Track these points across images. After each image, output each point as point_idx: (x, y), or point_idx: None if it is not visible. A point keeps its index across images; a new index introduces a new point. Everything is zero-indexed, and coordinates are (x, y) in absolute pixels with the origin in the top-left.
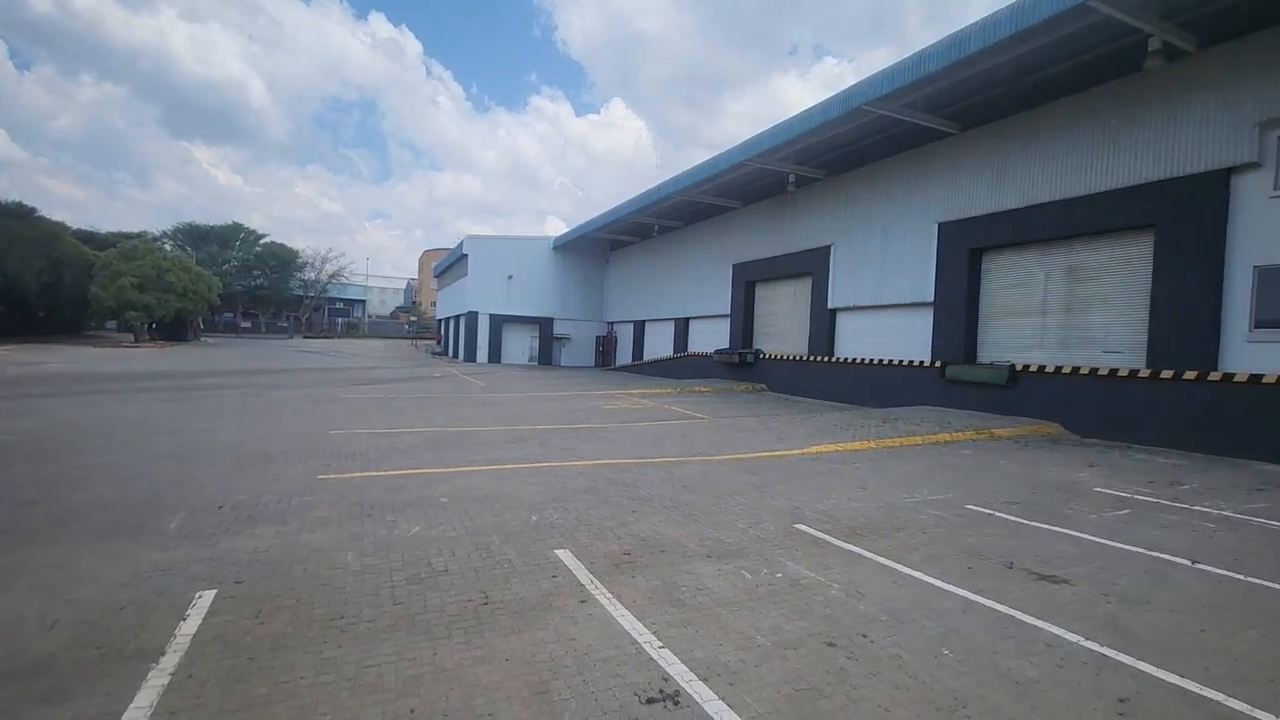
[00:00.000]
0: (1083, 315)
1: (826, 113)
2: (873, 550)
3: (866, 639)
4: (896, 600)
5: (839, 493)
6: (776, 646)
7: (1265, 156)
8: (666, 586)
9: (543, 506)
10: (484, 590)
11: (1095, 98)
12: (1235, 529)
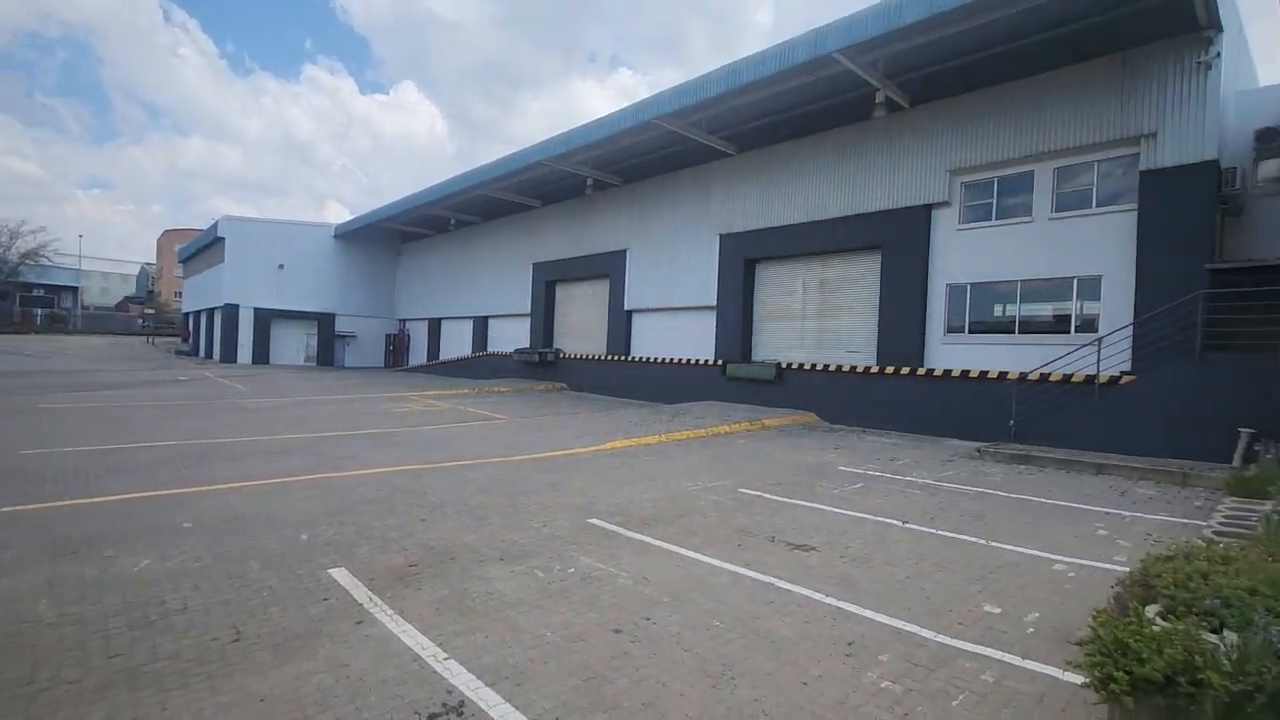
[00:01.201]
0: (833, 320)
1: (621, 122)
2: (659, 538)
3: (650, 621)
4: (678, 582)
5: (631, 485)
6: (566, 640)
7: (953, 197)
8: (455, 595)
9: (315, 523)
10: (235, 625)
11: (841, 135)
12: (933, 493)
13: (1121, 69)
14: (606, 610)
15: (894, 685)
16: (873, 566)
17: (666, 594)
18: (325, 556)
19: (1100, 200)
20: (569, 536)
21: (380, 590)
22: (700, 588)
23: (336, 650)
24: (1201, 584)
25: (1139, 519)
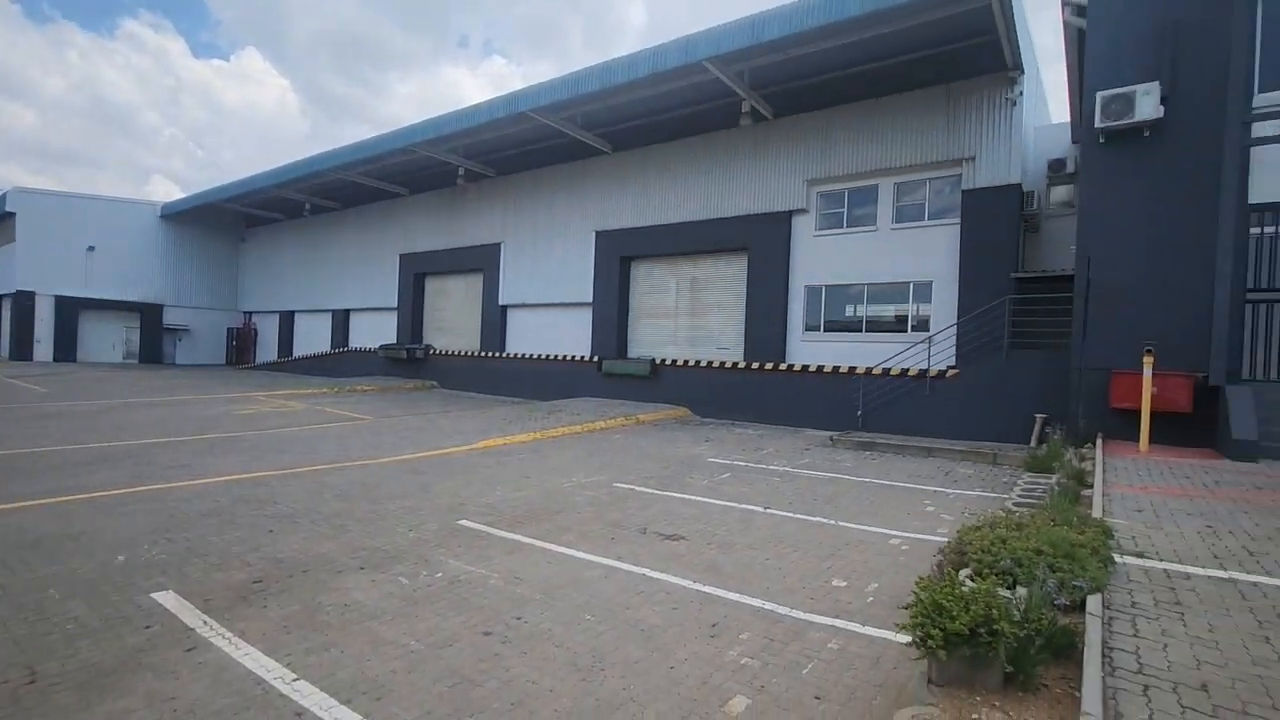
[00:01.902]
0: (704, 318)
1: (493, 112)
2: (533, 536)
3: (521, 621)
4: (551, 579)
5: (505, 484)
6: (432, 648)
7: (811, 205)
8: (306, 610)
9: (135, 542)
10: (30, 665)
11: (712, 140)
12: (792, 480)
13: (947, 99)
14: (476, 613)
15: (753, 660)
16: (737, 551)
17: (539, 592)
18: (148, 579)
19: (931, 214)
20: (437, 540)
21: (216, 612)
22: (573, 583)
23: (161, 683)
24: (1001, 548)
25: (960, 495)
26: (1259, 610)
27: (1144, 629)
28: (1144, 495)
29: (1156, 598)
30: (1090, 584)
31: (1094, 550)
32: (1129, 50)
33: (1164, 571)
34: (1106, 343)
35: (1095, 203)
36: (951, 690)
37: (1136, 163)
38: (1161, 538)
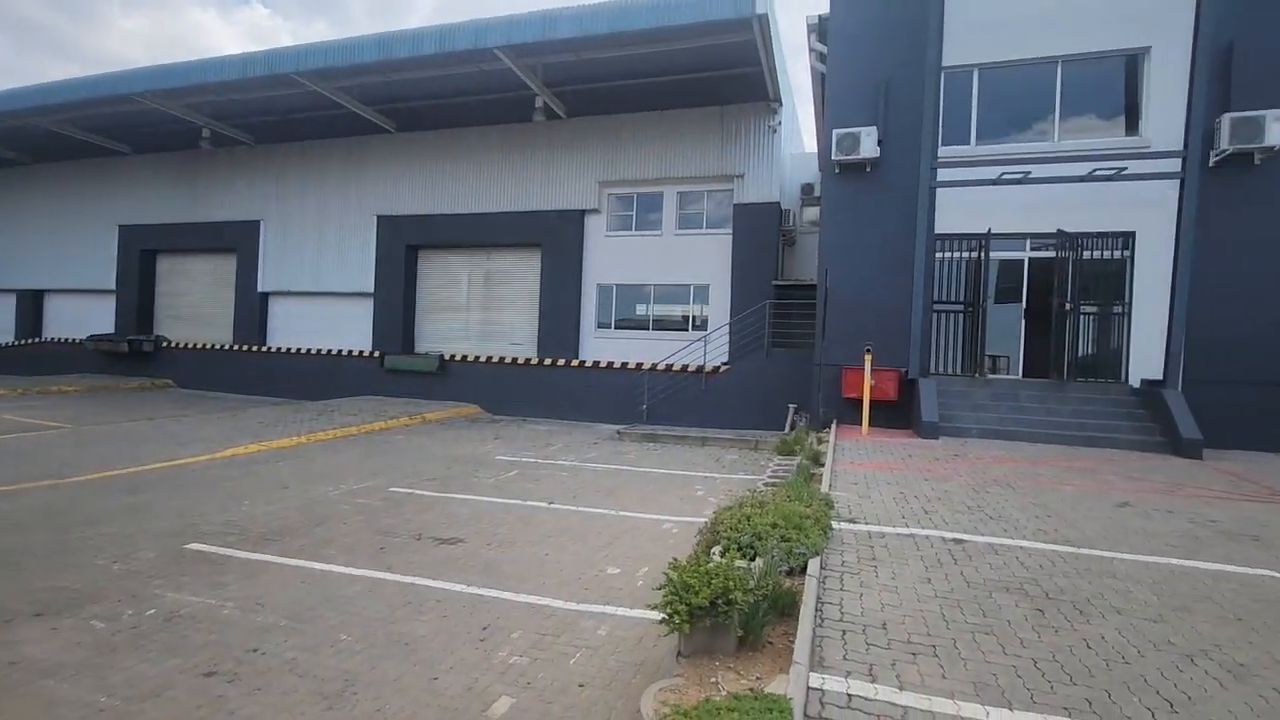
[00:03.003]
0: (497, 313)
1: (249, 68)
2: (284, 554)
3: (258, 653)
4: (302, 601)
5: (255, 497)
6: (130, 701)
7: (603, 206)
8: None
9: None
10: None
11: (507, 132)
12: (578, 474)
13: (721, 120)
14: (196, 652)
15: (521, 659)
16: (517, 549)
17: (285, 617)
18: None
19: (709, 223)
20: (154, 570)
21: None
22: (328, 602)
23: None
24: (745, 525)
25: (726, 479)
26: (926, 558)
27: (848, 583)
28: (860, 470)
29: (859, 555)
30: (811, 550)
31: (817, 520)
32: (856, 96)
33: (867, 533)
34: (840, 343)
35: (832, 224)
36: (696, 659)
37: (862, 192)
38: (869, 505)
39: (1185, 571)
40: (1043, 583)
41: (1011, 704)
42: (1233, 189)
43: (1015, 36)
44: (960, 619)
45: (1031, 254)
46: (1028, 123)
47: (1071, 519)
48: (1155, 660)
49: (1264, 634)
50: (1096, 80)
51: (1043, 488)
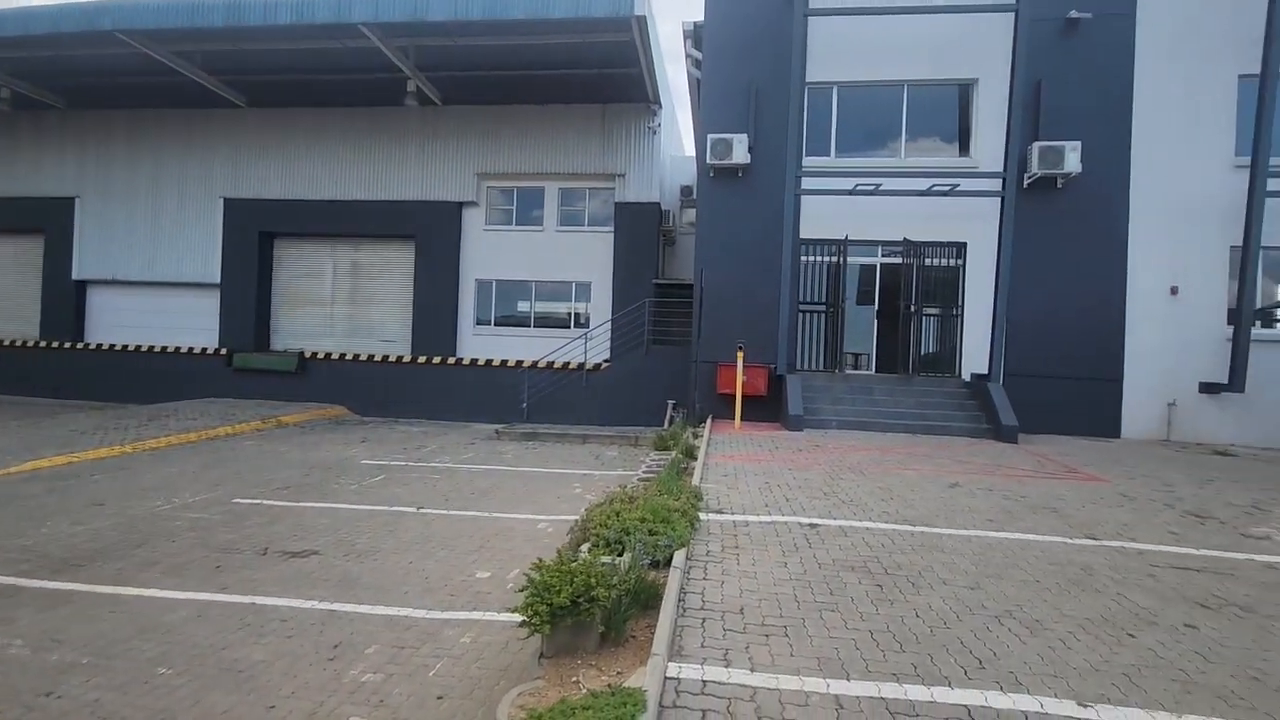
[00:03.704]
0: (366, 307)
1: (60, 21)
2: (94, 581)
3: (52, 697)
4: (111, 633)
5: (59, 517)
6: None
7: (481, 198)
8: None
9: None
10: None
11: (376, 116)
12: (452, 476)
13: (603, 118)
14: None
15: (375, 676)
16: (380, 558)
17: (88, 654)
18: None
19: (591, 221)
20: None
21: None
22: (145, 633)
23: None
24: (615, 520)
25: (604, 476)
26: (784, 543)
27: (711, 572)
28: (731, 463)
29: (724, 544)
30: (678, 542)
31: (684, 513)
32: (729, 103)
33: (732, 523)
34: (715, 341)
35: (707, 226)
36: (559, 660)
37: (734, 196)
38: (736, 496)
39: (999, 542)
40: (883, 560)
41: (849, 675)
42: (1041, 207)
43: (869, 59)
44: (810, 599)
45: (883, 260)
46: (880, 139)
47: (911, 500)
48: (970, 623)
49: (1056, 593)
50: (936, 105)
51: (889, 473)
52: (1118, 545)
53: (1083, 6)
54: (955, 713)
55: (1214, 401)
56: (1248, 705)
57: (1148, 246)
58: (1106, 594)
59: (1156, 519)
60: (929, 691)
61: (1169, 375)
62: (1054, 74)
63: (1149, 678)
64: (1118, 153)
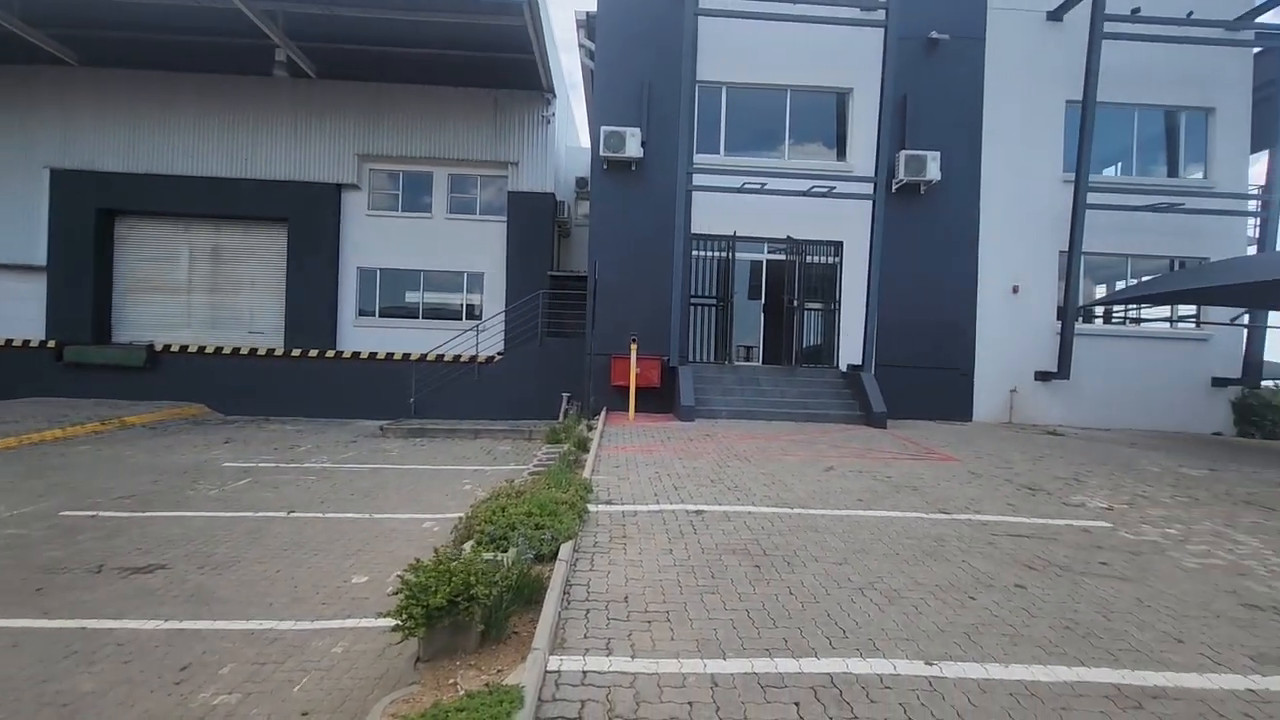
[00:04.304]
0: (231, 296)
1: None
2: None
3: None
4: None
5: None
6: None
7: (363, 182)
8: None
9: None
10: None
11: (241, 85)
12: (329, 477)
13: (495, 105)
14: None
15: (230, 697)
16: (240, 569)
17: None
18: None
19: (483, 209)
20: None
21: None
22: None
23: None
24: (500, 516)
25: (496, 471)
26: (671, 530)
27: (597, 562)
28: (623, 454)
29: (612, 535)
30: (564, 534)
31: (573, 505)
32: (622, 97)
33: (622, 513)
34: (610, 333)
35: (601, 218)
36: (437, 662)
37: (628, 189)
38: (627, 486)
39: (866, 520)
40: (762, 541)
41: (725, 654)
42: (907, 211)
43: (757, 62)
44: (693, 583)
45: (769, 256)
46: (766, 140)
47: (790, 484)
48: (838, 596)
49: (912, 564)
50: (817, 111)
51: (772, 459)
52: (965, 518)
53: (941, 29)
54: (820, 681)
55: (1047, 388)
56: (1060, 651)
57: (994, 250)
58: (954, 562)
59: (997, 493)
60: (797, 663)
61: (1011, 365)
62: (918, 89)
63: (985, 634)
64: (970, 164)
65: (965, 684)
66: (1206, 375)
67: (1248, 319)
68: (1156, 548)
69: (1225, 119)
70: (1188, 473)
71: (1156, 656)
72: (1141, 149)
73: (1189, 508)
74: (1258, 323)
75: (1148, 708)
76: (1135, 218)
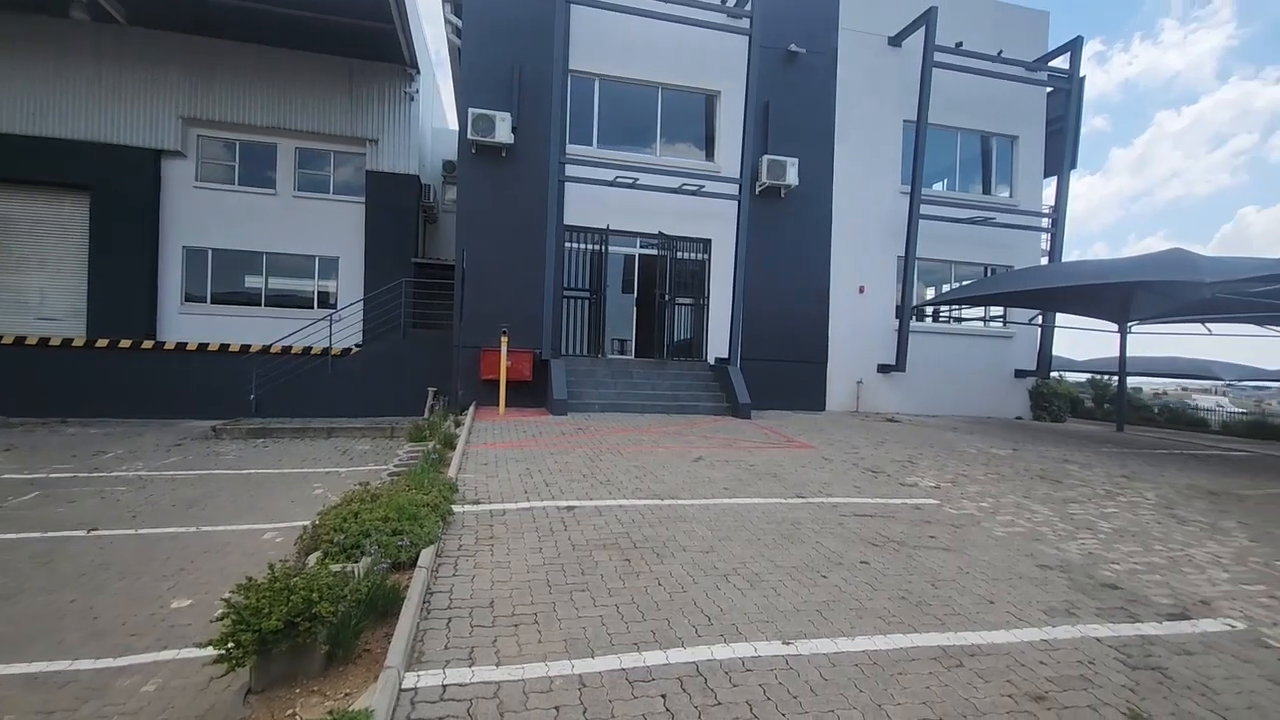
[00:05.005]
0: (15, 275)
1: None
2: None
3: None
4: None
5: None
6: None
7: (190, 149)
8: None
9: None
10: None
11: (29, 26)
12: (145, 486)
13: (350, 75)
14: None
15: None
16: (20, 602)
17: None
18: None
19: (337, 189)
20: None
21: None
22: None
23: None
24: (352, 522)
25: (353, 472)
26: (541, 528)
27: (462, 567)
28: (493, 451)
29: (478, 536)
30: (425, 539)
31: (435, 507)
32: (492, 79)
33: (490, 512)
34: (479, 325)
35: (470, 205)
36: (273, 692)
37: (499, 176)
38: (495, 484)
39: (731, 508)
40: (633, 534)
41: (594, 652)
42: (769, 213)
43: (630, 57)
44: (562, 581)
45: (641, 251)
46: (638, 136)
47: (661, 476)
48: (704, 584)
49: (772, 547)
50: (687, 111)
51: (644, 451)
52: (819, 501)
53: (799, 43)
54: (686, 670)
55: (887, 379)
56: (898, 620)
57: (845, 252)
58: (809, 543)
59: (846, 476)
60: (665, 655)
61: (858, 359)
62: (780, 98)
63: (835, 610)
64: (825, 171)
65: (817, 659)
66: (1010, 368)
67: (1041, 319)
68: (973, 520)
69: (1026, 146)
70: (996, 452)
71: (973, 618)
72: (963, 168)
73: (997, 483)
74: (1048, 323)
75: (967, 665)
76: (957, 228)
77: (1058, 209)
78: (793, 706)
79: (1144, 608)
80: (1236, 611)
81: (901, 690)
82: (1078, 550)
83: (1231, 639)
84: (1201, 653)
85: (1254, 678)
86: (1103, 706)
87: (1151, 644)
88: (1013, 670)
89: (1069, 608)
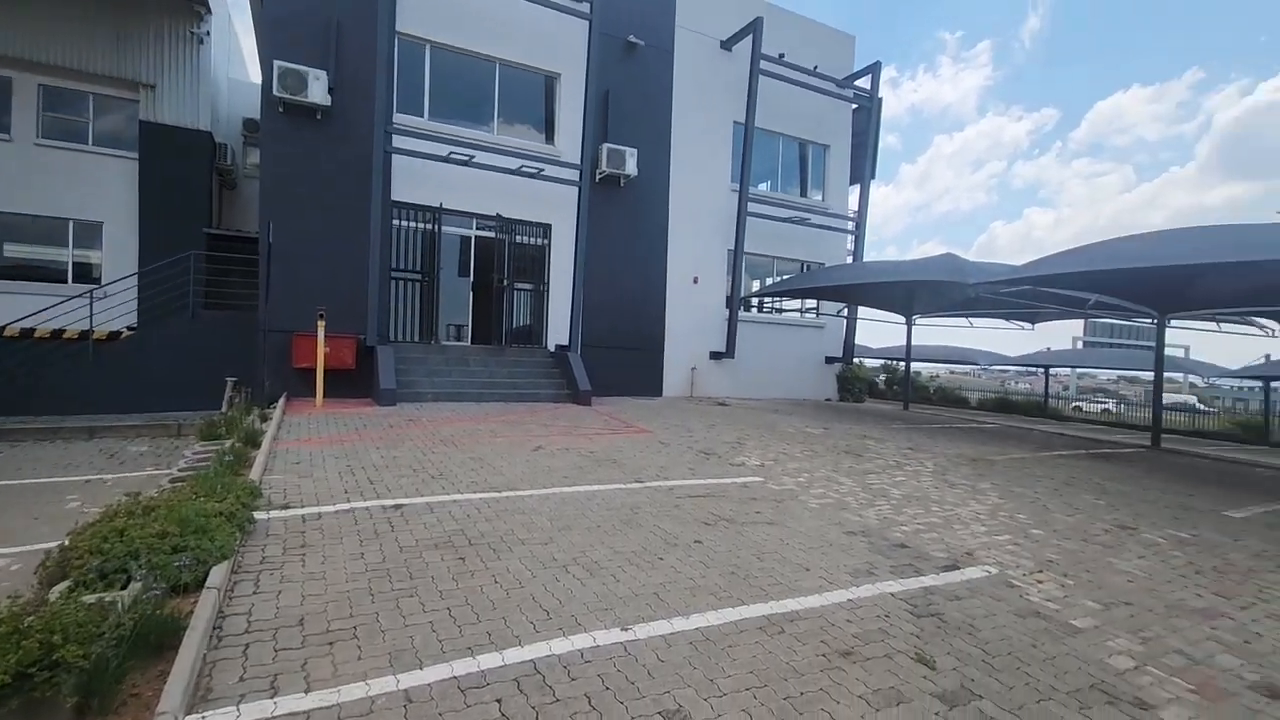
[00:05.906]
0: None
1: None
2: None
3: None
4: None
5: None
6: None
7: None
8: None
9: None
10: None
11: None
12: None
13: (114, 5)
14: None
15: None
16: None
17: None
18: None
19: (99, 139)
20: None
21: None
22: None
23: None
24: (117, 542)
25: (122, 479)
26: (363, 531)
27: (265, 582)
28: (306, 448)
29: (287, 545)
30: (216, 555)
31: (232, 516)
32: (304, 31)
33: (301, 517)
34: (290, 307)
35: (278, 170)
36: None
37: (313, 140)
38: (309, 485)
39: (572, 496)
40: (468, 531)
41: (423, 663)
42: (609, 201)
43: (466, 27)
44: (387, 589)
45: (477, 233)
46: (474, 112)
47: (499, 467)
48: (543, 578)
49: (611, 534)
50: (527, 90)
51: (481, 442)
52: (657, 485)
53: (639, 35)
54: (524, 670)
55: (719, 365)
56: (728, 595)
57: (681, 244)
58: (647, 527)
59: (681, 459)
60: (501, 656)
61: (692, 346)
62: (619, 87)
63: (671, 591)
64: (662, 164)
65: (654, 641)
66: (823, 355)
67: (846, 311)
68: (792, 494)
69: (836, 155)
70: (811, 431)
71: (792, 585)
72: (784, 171)
73: (811, 459)
74: (851, 315)
75: (788, 630)
76: (779, 226)
77: (860, 214)
78: (630, 693)
79: (926, 562)
80: (991, 559)
81: (731, 662)
82: (875, 516)
83: (989, 583)
84: (968, 597)
85: (1004, 614)
86: (896, 654)
87: (931, 594)
88: (825, 631)
89: (869, 568)
